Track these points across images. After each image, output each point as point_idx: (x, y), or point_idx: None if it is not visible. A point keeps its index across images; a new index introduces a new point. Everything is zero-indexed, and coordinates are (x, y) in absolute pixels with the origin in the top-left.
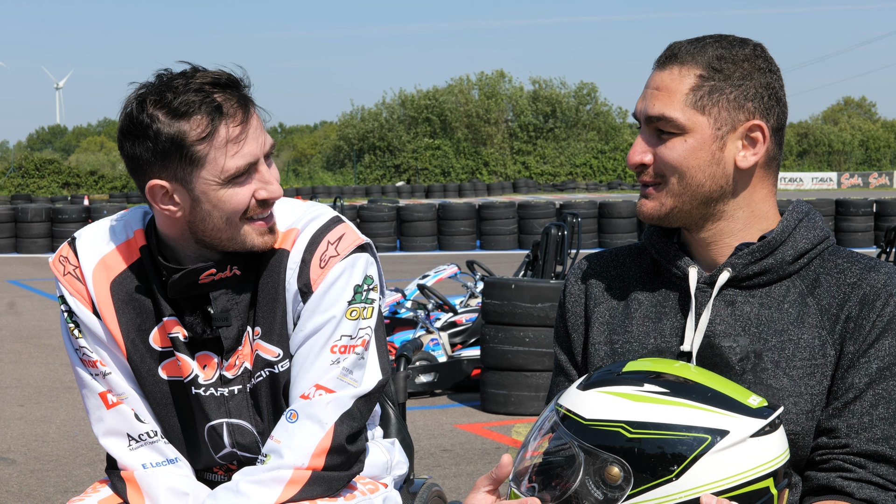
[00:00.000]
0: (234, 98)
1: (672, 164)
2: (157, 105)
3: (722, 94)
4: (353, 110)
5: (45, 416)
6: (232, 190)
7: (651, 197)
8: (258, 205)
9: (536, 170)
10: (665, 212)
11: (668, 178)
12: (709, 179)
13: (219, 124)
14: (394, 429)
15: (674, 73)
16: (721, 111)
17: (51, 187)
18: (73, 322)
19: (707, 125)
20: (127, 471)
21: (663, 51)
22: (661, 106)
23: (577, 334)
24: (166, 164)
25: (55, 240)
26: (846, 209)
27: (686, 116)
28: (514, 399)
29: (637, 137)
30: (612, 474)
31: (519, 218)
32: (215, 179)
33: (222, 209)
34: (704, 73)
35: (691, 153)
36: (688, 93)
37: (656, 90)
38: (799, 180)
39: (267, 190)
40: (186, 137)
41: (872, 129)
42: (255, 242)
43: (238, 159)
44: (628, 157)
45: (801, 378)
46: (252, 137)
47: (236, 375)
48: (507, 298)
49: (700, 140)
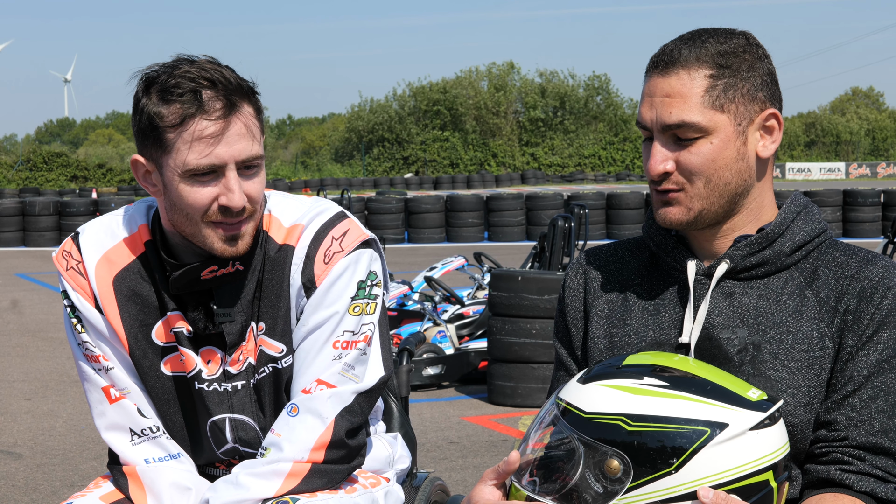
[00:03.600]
0: (222, 99)
1: (699, 168)
2: (154, 84)
3: (736, 89)
4: (362, 102)
5: (51, 410)
6: (193, 187)
7: (675, 203)
8: (219, 210)
9: (545, 161)
10: (693, 216)
11: (693, 183)
12: (735, 176)
13: (192, 118)
14: (396, 423)
15: (681, 77)
16: (738, 106)
17: (59, 180)
18: (75, 317)
19: (728, 122)
20: (129, 466)
21: (656, 55)
22: (679, 112)
23: (576, 328)
24: (144, 142)
25: (63, 233)
26: (854, 199)
27: (707, 118)
28: (522, 391)
29: (653, 146)
30: (612, 467)
31: (527, 209)
32: (177, 170)
33: (181, 204)
34: (714, 72)
35: (718, 153)
36: (703, 94)
37: (667, 98)
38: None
39: (227, 198)
40: (161, 121)
41: (880, 118)
42: (215, 247)
43: (200, 158)
44: (650, 168)
45: (799, 370)
46: (225, 142)
47: (240, 371)
48: (514, 290)
49: (724, 139)
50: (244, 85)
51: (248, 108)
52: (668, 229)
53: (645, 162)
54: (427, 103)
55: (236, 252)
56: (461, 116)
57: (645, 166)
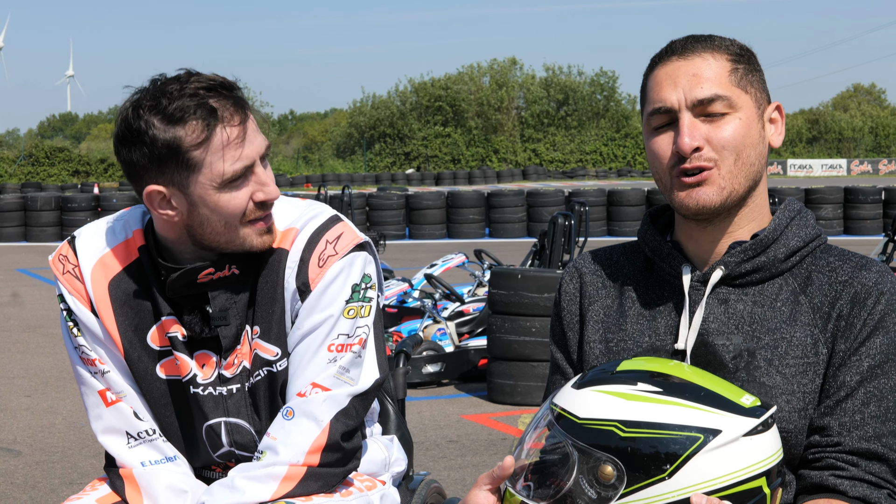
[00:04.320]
0: (229, 102)
1: (730, 142)
2: (152, 111)
3: (753, 75)
4: (364, 98)
5: (51, 407)
6: (230, 194)
7: (707, 182)
8: (256, 207)
9: (546, 157)
10: (724, 196)
11: (724, 159)
12: (758, 158)
13: (214, 129)
14: (393, 425)
15: (706, 58)
16: (756, 91)
17: (61, 175)
18: (72, 320)
19: (751, 103)
20: (125, 468)
21: (667, 48)
22: (711, 86)
23: (572, 332)
24: (163, 169)
25: (64, 228)
26: (855, 197)
27: (735, 94)
28: (521, 389)
29: (681, 124)
30: (606, 473)
31: (528, 206)
32: (212, 184)
33: (220, 213)
34: (733, 58)
35: (746, 130)
36: (729, 73)
37: (694, 76)
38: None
39: (264, 192)
40: (182, 143)
41: (882, 115)
42: (255, 243)
43: (235, 163)
44: (682, 144)
45: (793, 376)
46: (248, 140)
47: (235, 374)
48: (513, 288)
49: (749, 117)
50: (230, 82)
51: (245, 101)
52: (663, 234)
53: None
54: (429, 99)
55: (273, 242)
56: (463, 113)
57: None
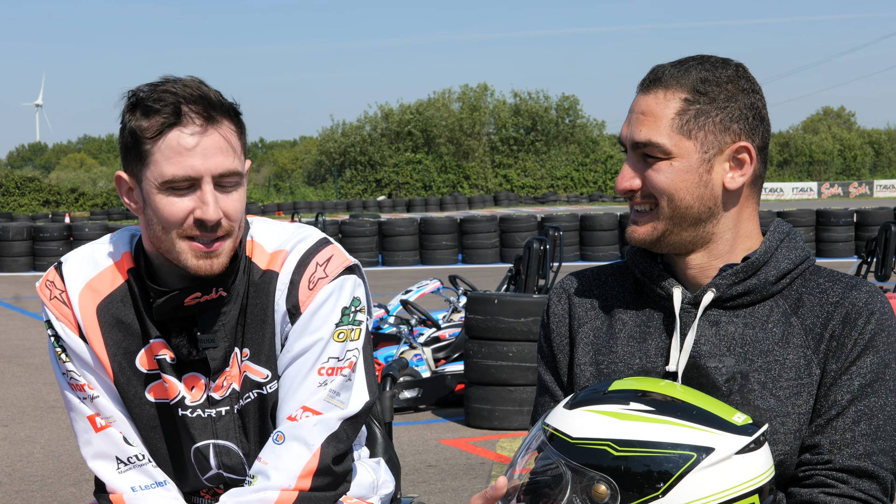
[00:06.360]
0: (201, 114)
1: (660, 187)
2: (138, 100)
3: (708, 117)
4: (334, 125)
5: (29, 437)
6: (168, 198)
7: (642, 222)
8: (194, 224)
9: (518, 182)
10: (657, 235)
11: (658, 202)
12: (697, 201)
13: (171, 129)
14: (380, 448)
15: (658, 97)
16: (707, 134)
17: (31, 205)
18: (60, 346)
19: (694, 149)
20: (116, 494)
21: (647, 74)
22: (648, 132)
23: (562, 355)
24: (127, 157)
25: (37, 258)
26: (827, 219)
27: (672, 142)
28: (499, 414)
29: (624, 164)
30: (599, 492)
31: (501, 231)
32: (155, 182)
33: (159, 216)
34: (689, 97)
35: (679, 176)
36: (673, 117)
37: (642, 115)
38: (779, 190)
39: (202, 210)
40: (142, 134)
41: (851, 138)
42: (189, 263)
43: (176, 168)
44: (617, 184)
45: (787, 398)
46: (202, 154)
47: (224, 396)
48: (490, 313)
49: (687, 164)
50: (226, 103)
51: (228, 124)
52: (653, 256)
53: (616, 180)
54: (398, 124)
55: (211, 270)
56: (435, 138)
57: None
